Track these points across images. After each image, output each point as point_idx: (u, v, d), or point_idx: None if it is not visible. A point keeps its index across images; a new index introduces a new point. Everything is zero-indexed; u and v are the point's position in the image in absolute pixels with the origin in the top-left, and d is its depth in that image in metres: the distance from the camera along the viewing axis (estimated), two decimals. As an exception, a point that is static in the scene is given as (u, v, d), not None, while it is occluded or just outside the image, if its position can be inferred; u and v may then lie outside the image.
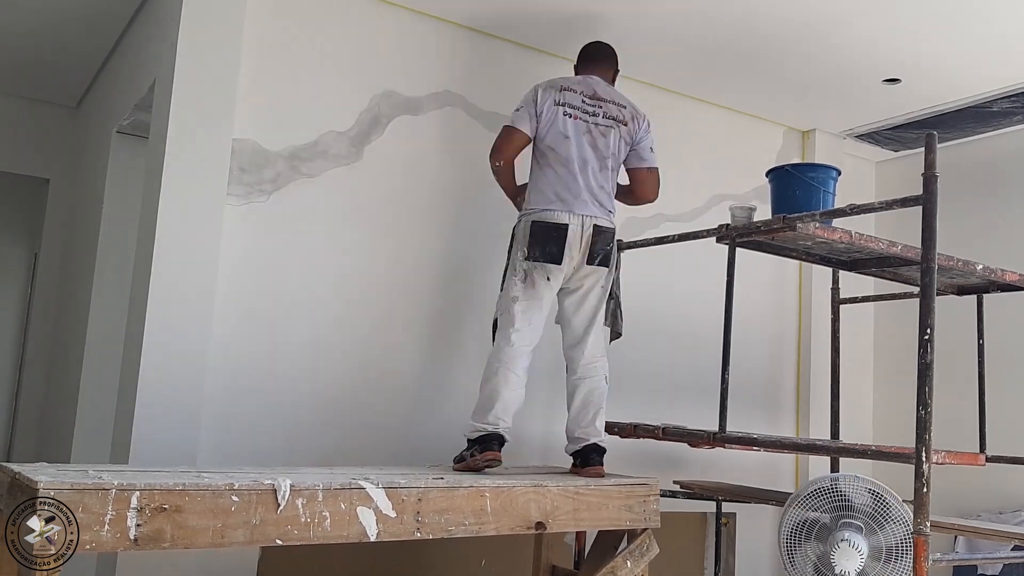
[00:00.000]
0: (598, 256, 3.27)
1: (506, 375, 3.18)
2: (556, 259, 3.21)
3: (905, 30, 3.88)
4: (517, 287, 3.26)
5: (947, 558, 3.55)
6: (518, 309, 3.24)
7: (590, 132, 3.35)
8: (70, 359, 4.73)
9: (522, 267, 3.26)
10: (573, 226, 3.23)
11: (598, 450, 3.26)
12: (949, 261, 3.20)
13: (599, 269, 3.30)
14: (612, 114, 3.41)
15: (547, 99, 3.35)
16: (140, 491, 2.11)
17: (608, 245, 3.30)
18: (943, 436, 2.93)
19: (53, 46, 4.73)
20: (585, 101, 3.39)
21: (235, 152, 3.44)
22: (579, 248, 3.24)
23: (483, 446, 3.09)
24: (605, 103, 3.42)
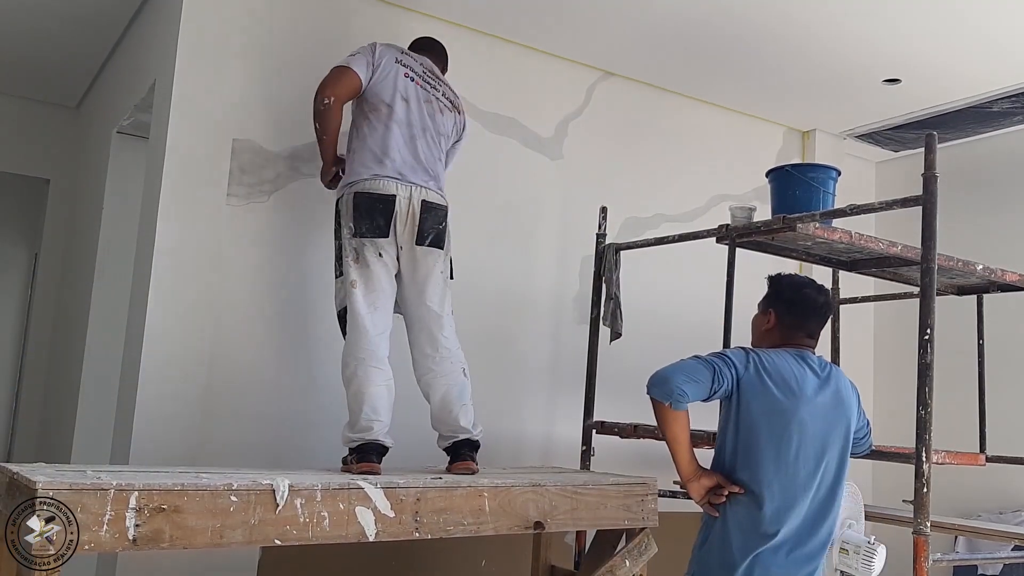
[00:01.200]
0: (429, 235, 3.01)
1: (367, 372, 2.91)
2: (384, 232, 2.95)
3: (905, 30, 3.88)
4: (352, 270, 2.96)
5: (947, 558, 3.54)
6: (359, 295, 2.95)
7: (430, 103, 3.16)
8: (70, 359, 4.73)
9: (351, 245, 2.97)
10: (401, 197, 2.97)
11: (469, 444, 3.02)
12: (949, 261, 3.20)
13: (432, 251, 3.03)
14: (449, 96, 3.28)
15: (386, 54, 3.14)
16: (139, 491, 2.11)
17: (440, 224, 3.05)
18: (943, 436, 2.94)
19: (53, 47, 4.73)
20: (426, 72, 3.23)
21: (235, 152, 3.44)
22: (405, 224, 2.99)
23: (360, 456, 2.83)
24: (442, 84, 3.29)
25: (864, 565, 2.63)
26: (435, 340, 3.06)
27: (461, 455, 3.00)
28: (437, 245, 3.04)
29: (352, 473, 2.75)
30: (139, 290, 3.36)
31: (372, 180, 3.00)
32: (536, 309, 4.18)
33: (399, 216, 2.97)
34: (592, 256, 3.87)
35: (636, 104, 4.61)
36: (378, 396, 2.92)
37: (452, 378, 3.06)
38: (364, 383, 2.91)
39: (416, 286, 3.05)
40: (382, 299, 3.00)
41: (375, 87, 3.09)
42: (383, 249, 2.97)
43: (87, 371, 4.36)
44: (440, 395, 3.05)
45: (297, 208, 3.59)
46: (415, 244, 3.00)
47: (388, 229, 2.95)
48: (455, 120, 3.28)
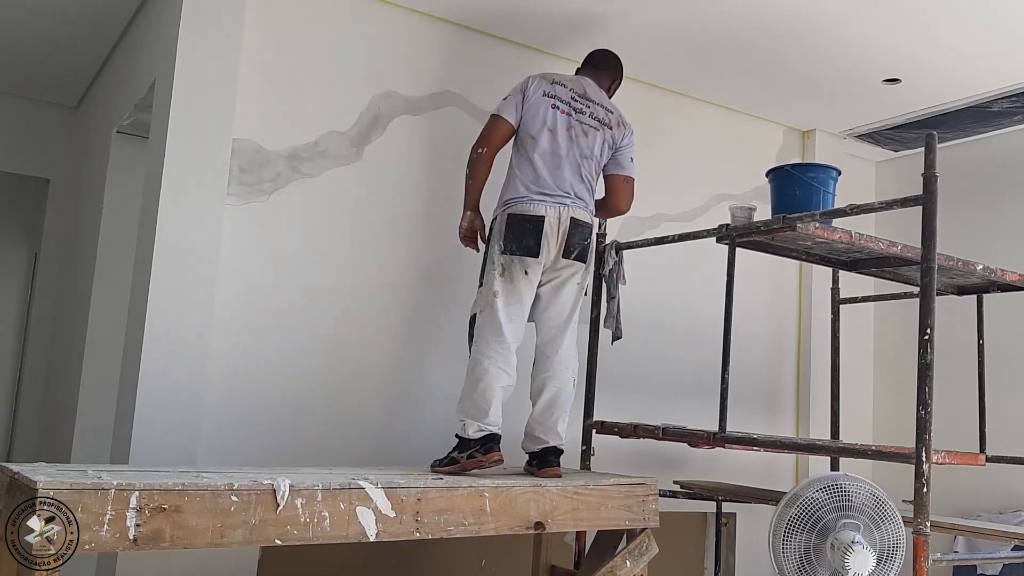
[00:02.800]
0: (575, 250, 3.21)
1: (498, 372, 3.10)
2: (533, 252, 3.15)
3: (905, 30, 3.88)
4: (497, 282, 3.16)
5: (947, 558, 3.55)
6: (500, 305, 3.15)
7: (573, 128, 3.31)
8: (70, 359, 4.73)
9: (500, 261, 3.18)
10: (550, 217, 3.17)
11: (556, 452, 3.21)
12: (949, 261, 3.20)
13: (575, 264, 3.23)
14: (598, 116, 3.39)
15: (537, 90, 3.32)
16: (139, 491, 2.11)
17: (586, 240, 3.25)
18: (943, 436, 2.94)
19: (53, 46, 4.73)
20: (574, 98, 3.36)
21: (235, 152, 3.44)
22: (556, 240, 3.18)
23: (487, 446, 3.04)
24: (593, 104, 3.40)
25: (839, 561, 2.63)
26: (557, 343, 3.25)
27: (550, 461, 3.16)
28: (580, 259, 3.24)
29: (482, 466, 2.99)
30: (139, 289, 3.36)
31: (525, 203, 3.19)
32: (536, 309, 4.18)
33: (548, 236, 3.17)
34: (592, 256, 3.86)
35: (636, 104, 4.60)
36: (504, 397, 3.13)
37: (563, 383, 3.25)
38: (496, 380, 3.10)
39: (551, 293, 3.25)
40: (519, 312, 3.19)
41: (525, 123, 3.30)
42: (529, 268, 3.17)
43: (87, 370, 4.36)
44: (548, 397, 3.23)
45: (297, 208, 3.59)
46: (561, 257, 3.20)
47: (538, 249, 3.16)
48: (604, 136, 3.37)
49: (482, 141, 3.32)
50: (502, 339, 3.13)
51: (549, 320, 3.27)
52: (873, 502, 2.74)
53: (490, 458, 3.01)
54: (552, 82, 3.36)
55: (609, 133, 3.40)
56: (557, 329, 3.26)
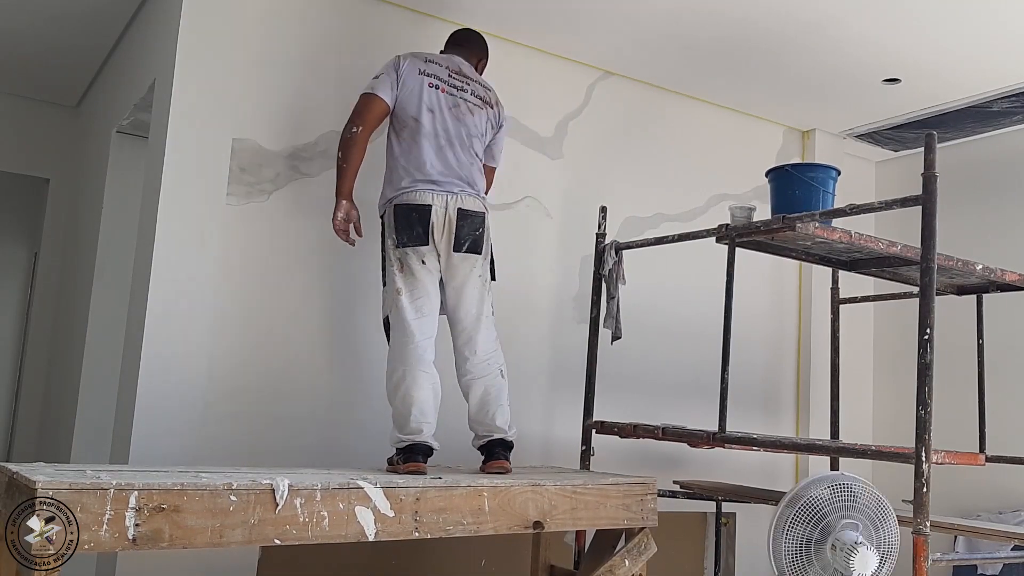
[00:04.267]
0: (465, 242, 3.08)
1: (415, 376, 3.01)
2: (424, 240, 3.04)
3: (905, 30, 3.88)
4: (397, 278, 3.07)
5: (947, 558, 3.54)
6: (405, 302, 3.06)
7: (458, 106, 3.19)
8: (70, 359, 4.73)
9: (395, 256, 3.08)
10: (436, 207, 3.05)
11: (503, 444, 3.11)
12: (949, 261, 3.20)
13: (470, 256, 3.09)
14: (479, 94, 3.28)
15: (410, 68, 3.17)
16: (138, 491, 2.11)
17: (477, 230, 3.11)
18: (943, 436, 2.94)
19: (53, 46, 4.73)
20: (452, 75, 3.24)
21: (235, 152, 3.44)
22: (443, 232, 3.06)
23: (407, 456, 2.93)
24: (471, 82, 3.29)
25: (843, 563, 2.63)
26: (473, 343, 3.14)
27: (495, 454, 3.08)
28: (474, 251, 3.11)
29: (398, 473, 2.83)
30: (139, 289, 3.36)
31: (409, 192, 3.08)
32: (536, 309, 4.19)
33: (436, 225, 3.05)
34: (592, 256, 3.86)
35: (636, 103, 4.61)
36: (425, 399, 3.02)
37: (489, 380, 3.15)
38: (412, 387, 3.00)
39: (455, 291, 3.13)
40: (427, 305, 3.09)
41: (402, 104, 3.15)
42: (425, 256, 3.07)
43: (87, 370, 4.37)
44: (478, 396, 3.14)
45: (297, 208, 3.59)
46: (452, 251, 3.07)
47: (427, 237, 3.05)
48: (488, 115, 3.28)
49: (355, 119, 3.13)
50: (413, 339, 3.03)
51: (460, 322, 3.15)
52: (875, 503, 2.74)
53: (407, 467, 2.88)
54: (425, 60, 3.23)
55: (492, 112, 3.30)
56: (470, 329, 3.15)
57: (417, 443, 2.97)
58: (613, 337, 3.72)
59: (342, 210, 3.16)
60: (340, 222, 3.17)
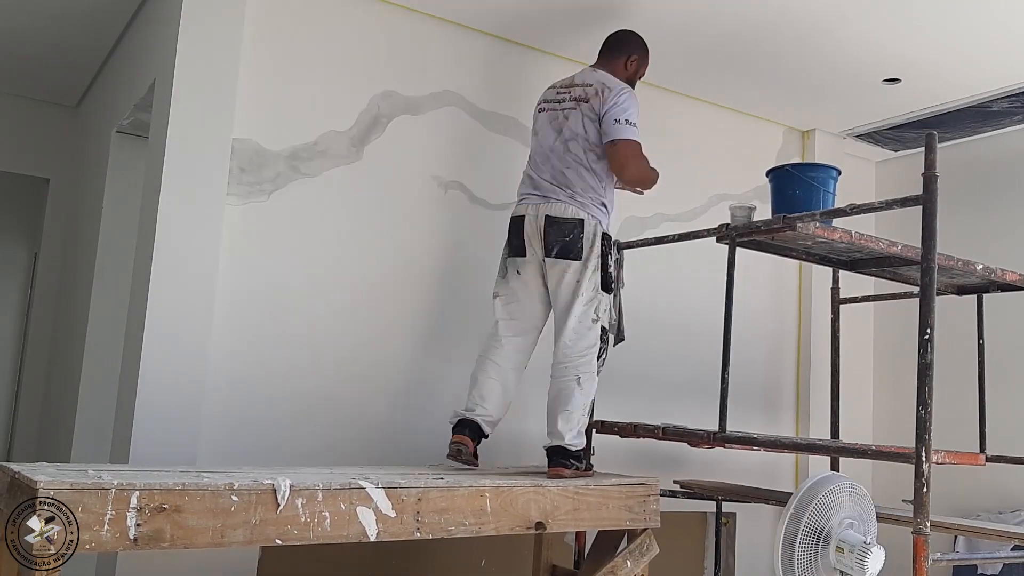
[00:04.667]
0: (553, 248, 3.17)
1: (484, 363, 3.27)
2: (519, 251, 3.25)
3: (905, 30, 3.88)
4: (498, 283, 3.36)
5: (947, 558, 3.54)
6: (498, 304, 3.33)
7: (556, 119, 3.33)
8: (70, 359, 4.73)
9: (504, 263, 3.35)
10: (529, 217, 3.23)
11: (560, 452, 3.13)
12: (949, 261, 3.20)
13: (561, 262, 3.18)
14: (575, 95, 3.34)
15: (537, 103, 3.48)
16: (140, 491, 2.11)
17: (567, 236, 3.16)
18: (943, 436, 2.94)
19: (53, 46, 4.73)
20: (559, 92, 3.39)
21: (235, 152, 3.44)
22: (537, 240, 3.21)
23: (455, 429, 3.18)
24: (574, 87, 3.35)
25: (858, 565, 2.62)
26: (559, 344, 3.24)
27: (552, 461, 3.14)
28: (565, 256, 3.17)
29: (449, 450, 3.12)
30: (139, 289, 3.36)
31: (515, 206, 3.36)
32: (536, 309, 4.18)
33: (530, 235, 3.23)
34: (592, 256, 3.86)
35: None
36: (489, 387, 3.24)
37: (562, 383, 3.22)
38: (479, 371, 3.27)
39: (553, 295, 3.27)
40: (519, 311, 3.30)
41: None
42: (520, 267, 3.27)
43: (87, 370, 4.36)
44: (551, 397, 3.24)
45: (297, 208, 3.59)
46: (545, 257, 3.21)
47: (523, 248, 3.24)
48: (582, 111, 3.28)
49: None
50: (496, 334, 3.30)
51: (556, 323, 3.29)
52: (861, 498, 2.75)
53: (453, 439, 3.15)
54: (548, 88, 3.47)
55: (587, 106, 3.30)
56: (558, 330, 3.26)
57: (466, 418, 3.19)
58: (616, 339, 3.72)
59: None
60: None
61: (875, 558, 2.62)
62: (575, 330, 3.20)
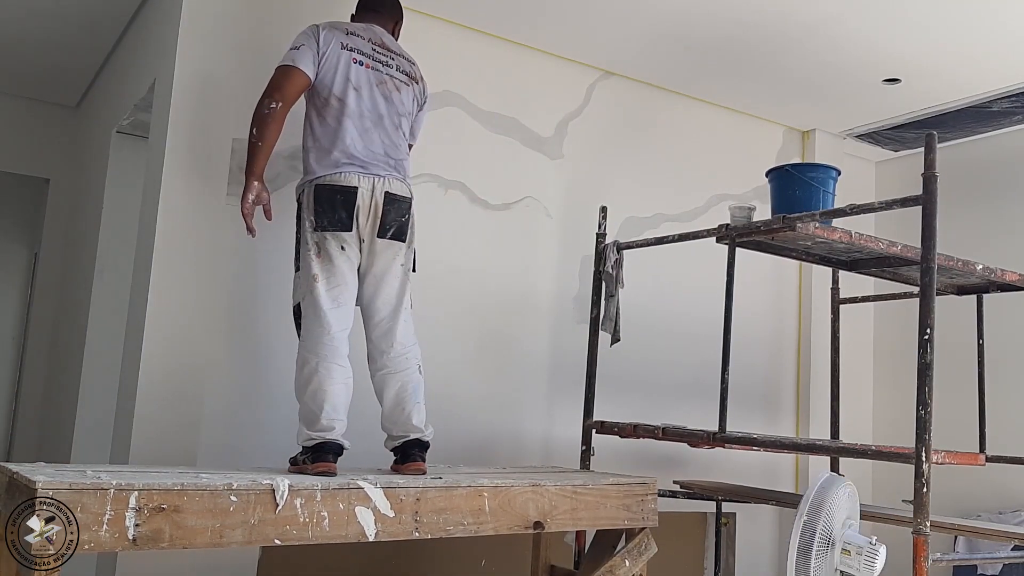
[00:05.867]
0: (390, 228, 2.90)
1: (328, 369, 2.80)
2: (347, 225, 2.83)
3: (905, 30, 3.88)
4: (314, 264, 2.85)
5: (947, 558, 3.54)
6: (321, 289, 2.84)
7: (384, 83, 3.00)
8: (70, 359, 4.73)
9: (313, 239, 2.87)
10: (363, 189, 2.86)
11: (420, 445, 2.91)
12: (949, 261, 3.20)
13: (394, 244, 2.92)
14: (405, 69, 3.09)
15: (331, 40, 2.95)
16: (138, 491, 2.11)
17: (403, 216, 2.94)
18: (943, 436, 2.94)
19: (53, 46, 4.73)
20: (376, 50, 3.03)
21: (235, 151, 3.43)
22: (368, 217, 2.87)
23: (316, 456, 2.71)
24: (396, 56, 3.09)
25: (867, 566, 2.62)
26: (391, 336, 2.96)
27: (411, 455, 2.89)
28: (398, 238, 2.94)
29: (306, 474, 2.64)
30: (139, 289, 3.36)
31: (334, 173, 2.87)
32: (536, 309, 4.18)
33: (361, 209, 2.86)
34: (592, 256, 3.87)
35: (636, 104, 4.61)
36: (338, 395, 2.82)
37: (407, 375, 2.96)
38: (325, 380, 2.80)
39: (374, 279, 2.95)
40: (344, 294, 2.89)
41: (323, 79, 2.93)
42: (345, 243, 2.87)
43: (87, 370, 4.36)
44: (393, 393, 2.95)
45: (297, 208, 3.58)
46: (376, 237, 2.89)
47: (351, 222, 2.85)
48: (414, 92, 3.11)
49: (274, 93, 2.88)
50: (329, 330, 2.83)
51: (377, 312, 2.96)
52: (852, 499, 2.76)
53: (316, 467, 2.67)
54: (347, 32, 3.01)
55: (418, 87, 3.13)
56: (388, 320, 2.96)
57: (328, 441, 2.75)
58: (612, 340, 3.72)
59: (253, 191, 2.91)
60: (250, 204, 2.93)
61: (881, 558, 2.62)
62: (406, 318, 2.99)
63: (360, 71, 2.96)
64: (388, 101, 3.00)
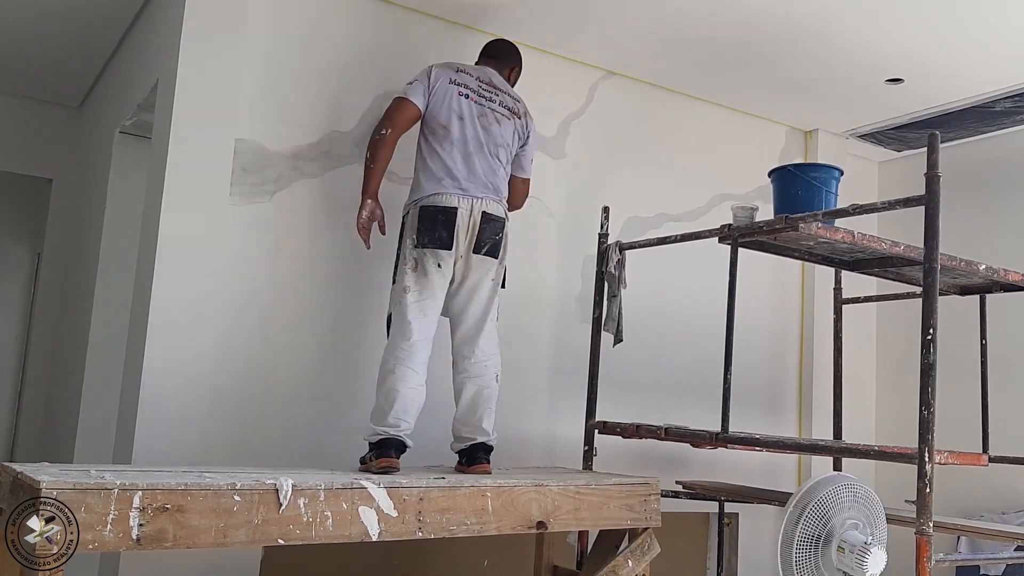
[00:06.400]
0: (485, 245, 3.13)
1: (403, 372, 3.01)
2: (446, 244, 3.07)
3: (908, 30, 3.88)
4: (409, 277, 3.09)
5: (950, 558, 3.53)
6: (410, 300, 3.07)
7: (485, 116, 3.25)
8: (73, 359, 4.73)
9: (412, 255, 3.11)
10: (462, 209, 3.11)
11: (485, 448, 3.11)
12: (952, 261, 3.20)
13: (487, 260, 3.15)
14: (508, 104, 3.34)
15: (441, 77, 3.25)
16: (142, 491, 2.11)
17: (497, 235, 3.17)
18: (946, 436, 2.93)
19: (56, 46, 4.74)
20: (481, 86, 3.31)
21: (238, 152, 3.44)
22: (466, 234, 3.11)
23: (380, 451, 2.90)
24: (501, 92, 3.36)
25: (857, 565, 2.62)
26: (475, 344, 3.16)
27: (478, 458, 3.07)
28: (492, 254, 3.16)
29: (371, 471, 2.80)
30: (142, 289, 3.36)
31: (436, 195, 3.12)
32: (538, 309, 4.19)
33: (460, 227, 3.09)
34: (595, 256, 3.86)
35: (638, 103, 4.61)
36: (411, 398, 3.02)
37: (483, 381, 3.15)
38: (400, 382, 3.00)
39: (467, 291, 3.16)
40: (432, 307, 3.11)
41: (432, 111, 3.22)
42: (442, 260, 3.10)
43: (90, 370, 4.37)
44: (469, 396, 3.14)
45: (299, 208, 3.59)
46: (472, 252, 3.12)
47: (451, 241, 3.08)
48: (515, 126, 3.34)
49: (386, 122, 3.21)
50: (411, 337, 3.04)
51: (465, 320, 3.18)
52: (868, 499, 2.75)
53: (379, 463, 2.85)
54: (456, 70, 3.31)
55: (520, 123, 3.36)
56: (474, 329, 3.17)
57: (391, 438, 2.94)
58: (615, 340, 3.72)
59: (367, 208, 3.20)
60: (365, 220, 3.21)
61: (875, 559, 2.62)
62: (491, 329, 3.21)
63: (464, 103, 3.24)
64: (487, 132, 3.24)
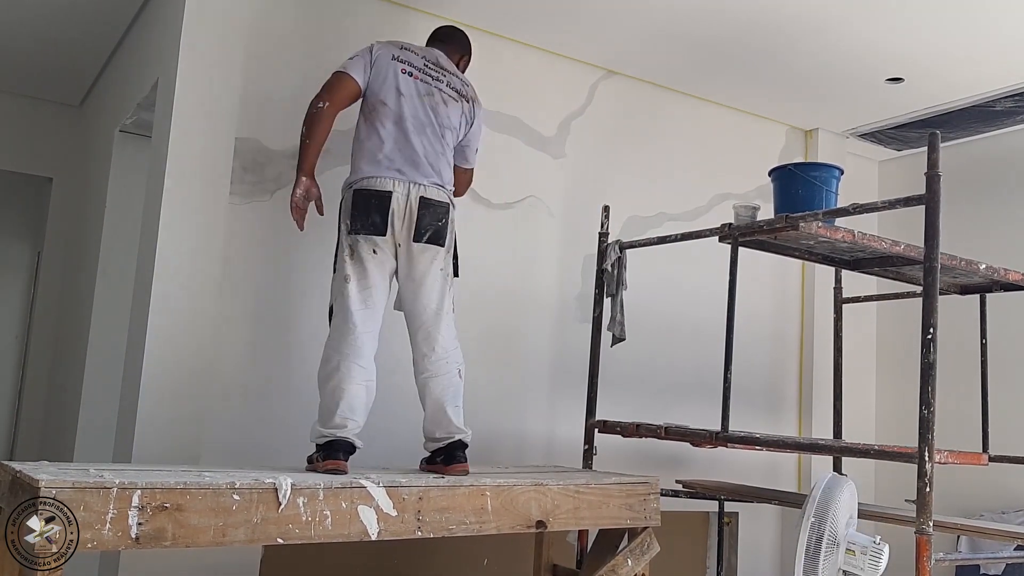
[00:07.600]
0: (425, 232, 2.92)
1: (349, 368, 2.85)
2: (380, 230, 2.88)
3: (908, 29, 3.88)
4: (347, 265, 2.92)
5: (950, 558, 3.54)
6: (352, 291, 2.90)
7: (431, 95, 3.07)
8: (73, 358, 4.73)
9: (347, 242, 2.94)
10: (397, 194, 2.91)
11: (462, 446, 2.96)
12: (952, 260, 3.20)
13: (430, 248, 2.95)
14: (455, 86, 3.16)
15: (383, 53, 3.07)
16: (141, 490, 2.11)
17: (439, 220, 2.96)
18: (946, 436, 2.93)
19: (56, 45, 4.74)
20: (428, 65, 3.13)
21: (238, 151, 3.44)
22: (403, 220, 2.91)
23: (327, 453, 2.76)
24: (448, 74, 3.17)
25: (871, 566, 2.61)
26: (432, 339, 3.00)
27: (456, 457, 2.93)
28: (435, 242, 2.96)
29: (317, 472, 2.67)
30: (142, 288, 3.36)
31: (370, 178, 2.94)
32: (539, 308, 4.18)
33: (396, 213, 2.91)
34: (595, 255, 3.86)
35: (639, 103, 4.61)
36: (356, 395, 2.86)
37: (447, 379, 3.00)
38: (345, 379, 2.85)
39: (413, 284, 2.98)
40: (373, 297, 2.94)
41: (372, 87, 3.04)
42: (377, 246, 2.92)
43: (90, 369, 4.37)
44: (435, 395, 2.99)
45: (300, 207, 3.59)
46: (412, 241, 2.93)
47: (385, 227, 2.90)
48: (463, 109, 3.16)
49: (324, 95, 3.00)
50: (354, 330, 2.88)
51: (418, 316, 3.00)
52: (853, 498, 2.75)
53: (326, 465, 2.71)
54: (401, 47, 3.13)
55: (467, 106, 3.18)
56: (429, 324, 2.99)
57: (339, 439, 2.79)
58: (614, 339, 3.71)
59: (302, 187, 2.98)
60: (299, 199, 2.99)
61: (885, 558, 2.62)
62: (447, 322, 3.02)
63: (407, 80, 3.06)
64: (434, 112, 3.06)
